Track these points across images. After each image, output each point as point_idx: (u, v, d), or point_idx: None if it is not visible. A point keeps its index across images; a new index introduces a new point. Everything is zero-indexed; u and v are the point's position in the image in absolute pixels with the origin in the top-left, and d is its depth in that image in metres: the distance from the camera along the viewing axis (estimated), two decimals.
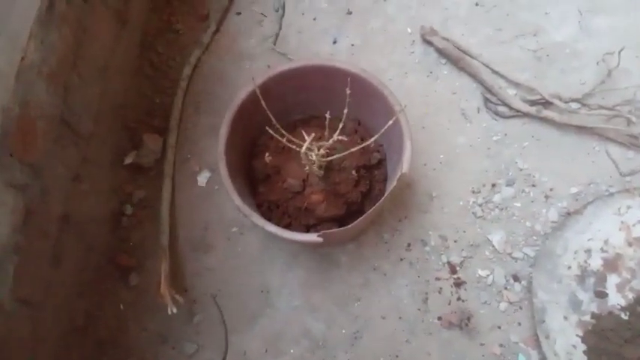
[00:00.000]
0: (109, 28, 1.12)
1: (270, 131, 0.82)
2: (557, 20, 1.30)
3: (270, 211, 1.05)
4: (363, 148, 0.98)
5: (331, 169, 0.99)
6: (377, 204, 0.90)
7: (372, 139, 0.87)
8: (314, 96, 1.04)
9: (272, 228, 0.88)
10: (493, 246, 1.14)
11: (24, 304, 0.92)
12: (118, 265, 1.14)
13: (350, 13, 1.33)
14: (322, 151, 0.84)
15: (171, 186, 1.18)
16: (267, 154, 0.99)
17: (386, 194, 0.94)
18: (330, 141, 0.82)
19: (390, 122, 0.81)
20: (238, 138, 0.98)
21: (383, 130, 0.84)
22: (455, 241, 1.15)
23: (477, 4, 1.32)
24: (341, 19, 1.33)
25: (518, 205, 1.17)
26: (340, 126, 0.82)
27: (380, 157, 1.07)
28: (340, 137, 0.80)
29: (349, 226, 0.88)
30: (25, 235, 0.90)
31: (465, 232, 1.16)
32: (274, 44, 1.29)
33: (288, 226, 1.03)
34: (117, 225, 1.17)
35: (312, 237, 0.87)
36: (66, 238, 1.02)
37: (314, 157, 0.83)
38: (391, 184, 0.95)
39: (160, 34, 1.31)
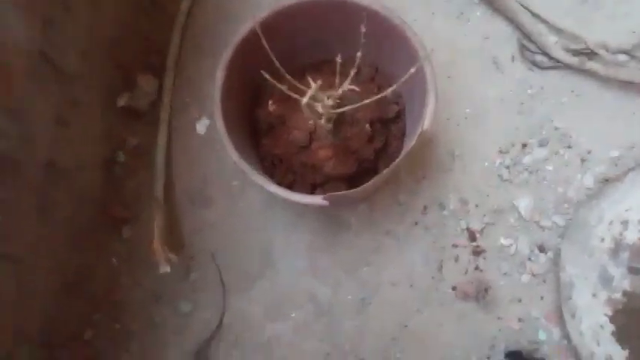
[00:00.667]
0: None
1: (268, 76, 0.70)
2: None
3: (273, 166, 0.95)
4: (379, 98, 0.86)
5: (342, 121, 0.87)
6: (392, 164, 0.79)
7: (390, 89, 0.74)
8: (327, 36, 0.90)
9: (272, 188, 0.78)
10: (519, 212, 1.04)
11: (8, 259, 0.85)
12: (110, 216, 1.07)
13: None
14: (330, 102, 0.72)
15: (167, 133, 1.08)
16: (270, 102, 0.88)
17: (403, 153, 0.83)
18: (340, 90, 0.70)
19: (412, 70, 0.68)
20: (238, 83, 0.86)
21: (403, 80, 0.71)
22: (476, 206, 1.05)
23: None
24: None
25: (551, 168, 1.05)
26: (352, 72, 0.70)
27: (398, 109, 0.95)
28: (351, 87, 0.68)
29: (359, 188, 0.78)
30: (7, 186, 0.82)
31: (488, 195, 1.05)
32: None
33: (292, 184, 0.93)
34: (109, 173, 1.08)
35: (317, 199, 0.77)
36: (53, 189, 0.94)
37: (320, 109, 0.71)
38: (410, 142, 0.83)
39: None
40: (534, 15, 1.09)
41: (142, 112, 1.10)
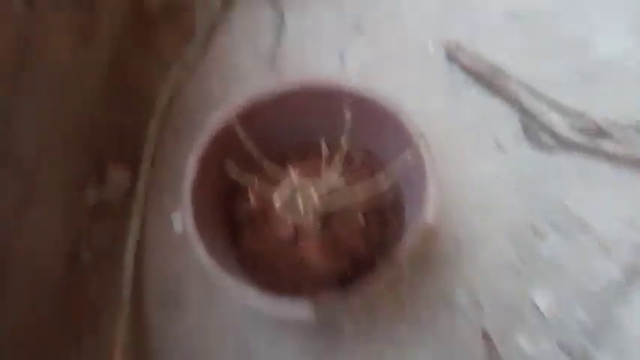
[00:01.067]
0: (66, 42, 0.93)
1: (234, 172, 0.60)
2: (606, 32, 1.09)
3: (254, 266, 0.83)
4: (372, 186, 0.77)
5: (332, 214, 0.77)
6: (391, 261, 0.67)
7: (382, 175, 0.65)
8: (312, 123, 0.83)
9: (250, 298, 0.66)
10: (539, 310, 0.90)
11: None
12: (69, 324, 0.93)
13: (360, 27, 1.13)
14: (315, 198, 0.62)
15: (139, 228, 0.97)
16: (251, 195, 0.78)
17: (403, 248, 0.72)
18: (323, 187, 0.60)
19: (407, 154, 0.59)
20: (214, 173, 0.77)
21: (397, 164, 0.62)
22: (490, 303, 0.92)
23: (509, 16, 1.12)
24: (350, 33, 1.13)
25: (569, 257, 0.94)
26: (338, 159, 0.61)
27: (395, 199, 0.85)
28: (334, 176, 0.59)
29: (352, 293, 0.66)
30: None
31: (502, 290, 0.92)
32: (271, 62, 1.10)
33: (275, 286, 0.80)
34: (71, 275, 0.96)
35: (299, 310, 0.64)
36: (2, 294, 0.81)
37: (300, 206, 0.61)
38: (411, 236, 0.73)
39: (138, 51, 1.12)
40: (535, 93, 1.03)
41: (113, 205, 1.00)
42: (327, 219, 0.76)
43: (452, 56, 1.06)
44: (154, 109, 1.06)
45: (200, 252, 0.67)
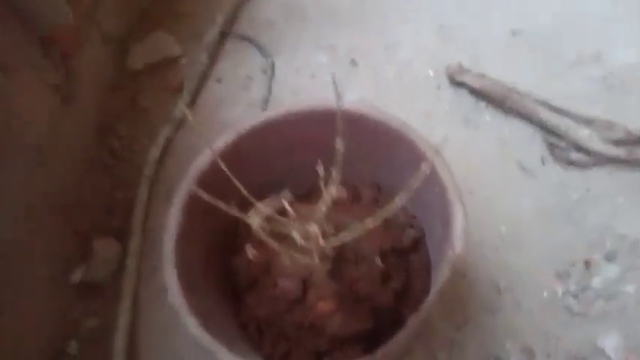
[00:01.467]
0: (42, 105, 0.87)
1: (229, 208, 0.50)
2: (617, 44, 1.00)
3: (260, 333, 0.70)
4: (387, 222, 0.65)
5: (343, 258, 0.65)
6: (421, 309, 0.54)
7: (393, 205, 0.53)
8: (311, 157, 0.73)
9: None
10: (608, 357, 0.75)
11: None
12: None
13: (355, 63, 1.06)
14: (316, 230, 0.51)
15: (130, 309, 0.85)
16: (249, 247, 0.66)
17: (432, 292, 0.59)
18: (320, 211, 0.49)
19: (423, 173, 0.48)
20: (202, 228, 0.66)
21: (411, 189, 0.51)
22: (548, 356, 0.76)
23: (513, 34, 1.04)
24: (345, 72, 1.06)
25: (631, 288, 0.79)
26: (332, 189, 0.50)
27: (415, 234, 0.72)
28: (335, 193, 0.48)
29: (378, 353, 0.52)
30: None
31: (560, 339, 0.77)
32: (264, 110, 1.02)
33: (287, 357, 0.67)
34: None
35: None
36: None
37: (302, 241, 0.50)
38: (439, 275, 0.60)
39: (123, 114, 1.06)
40: (555, 109, 0.93)
41: (102, 285, 0.89)
42: (339, 264, 0.64)
43: (456, 80, 0.98)
44: (142, 175, 0.97)
45: (186, 318, 0.55)
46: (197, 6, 1.18)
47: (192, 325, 0.56)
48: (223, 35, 1.12)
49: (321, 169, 0.51)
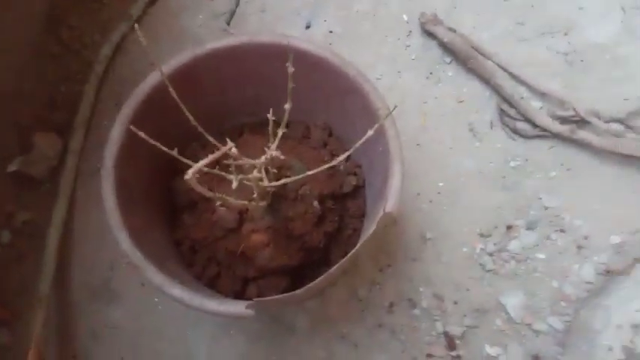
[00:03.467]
0: None
1: (164, 149, 0.49)
2: (594, 16, 1.01)
3: (193, 252, 0.72)
4: (331, 169, 0.67)
5: (283, 196, 0.67)
6: (347, 255, 0.58)
7: (342, 157, 0.55)
8: (268, 90, 0.72)
9: (175, 291, 0.55)
10: (507, 313, 0.83)
11: None
12: None
13: None
14: (258, 173, 0.52)
15: (66, 207, 0.85)
16: (188, 173, 0.67)
17: (361, 240, 0.62)
18: (265, 157, 0.50)
19: (370, 132, 0.49)
20: (146, 146, 0.65)
21: (358, 144, 0.52)
22: (455, 303, 0.84)
23: None
24: None
25: (542, 256, 0.86)
26: (280, 131, 0.50)
27: (356, 182, 0.75)
28: (276, 153, 0.48)
29: (299, 291, 0.56)
30: None
31: (468, 290, 0.84)
32: (228, 24, 0.98)
33: (216, 278, 0.70)
34: None
35: (238, 308, 0.54)
36: None
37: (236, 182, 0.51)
38: (370, 226, 0.63)
39: (77, 3, 0.98)
40: (514, 77, 0.94)
41: (39, 179, 0.88)
42: (277, 202, 0.66)
43: (428, 30, 0.97)
44: (91, 72, 0.93)
45: (120, 238, 0.56)
46: None
47: (123, 241, 0.57)
48: None
49: (270, 114, 0.50)
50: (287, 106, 0.48)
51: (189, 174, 0.42)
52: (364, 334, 0.82)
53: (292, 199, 0.68)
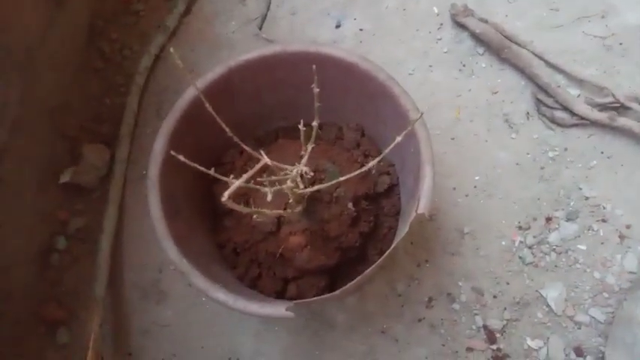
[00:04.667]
0: (34, 8, 0.84)
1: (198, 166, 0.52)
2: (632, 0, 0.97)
3: (235, 255, 0.76)
4: (366, 170, 0.69)
5: (318, 199, 0.69)
6: (381, 258, 0.59)
7: (375, 161, 0.56)
8: (300, 96, 0.74)
9: (220, 295, 0.59)
10: (548, 305, 0.83)
11: None
12: (43, 316, 0.87)
13: None
14: (291, 183, 0.54)
15: (116, 213, 0.90)
16: (231, 177, 0.70)
17: (396, 239, 0.64)
18: (297, 170, 0.52)
19: (399, 138, 0.50)
20: (190, 154, 0.69)
21: (389, 149, 0.53)
22: (494, 297, 0.84)
23: None
24: None
25: (583, 247, 0.85)
26: (309, 147, 0.52)
27: (390, 182, 0.76)
28: (305, 169, 0.50)
29: (337, 292, 0.58)
30: None
31: (508, 284, 0.84)
32: (260, 28, 1.00)
33: (258, 279, 0.73)
34: (45, 264, 0.89)
35: (278, 309, 0.57)
36: None
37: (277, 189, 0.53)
38: (404, 225, 0.65)
39: (115, 17, 1.03)
40: (550, 65, 0.93)
41: (90, 188, 0.93)
42: (313, 205, 0.68)
43: (459, 22, 0.96)
44: (132, 83, 0.97)
45: (166, 244, 0.60)
46: None
47: (170, 249, 0.61)
48: None
49: (301, 124, 0.52)
50: (314, 123, 0.50)
51: (225, 196, 0.45)
52: (404, 329, 0.83)
53: (327, 202, 0.70)
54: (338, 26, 1.00)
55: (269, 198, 0.49)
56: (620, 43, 0.94)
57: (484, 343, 0.82)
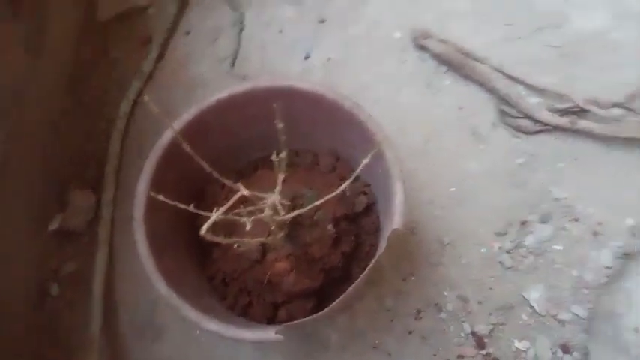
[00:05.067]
0: (13, 59, 0.88)
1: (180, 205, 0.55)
2: (583, 7, 1.03)
3: (225, 285, 0.78)
4: (342, 192, 0.72)
5: (299, 223, 0.72)
6: (361, 275, 0.62)
7: (346, 183, 0.60)
8: (274, 127, 0.78)
9: (212, 325, 0.61)
10: (531, 306, 0.86)
11: None
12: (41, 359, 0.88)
13: (323, 21, 1.08)
14: (269, 211, 0.57)
15: (107, 254, 0.93)
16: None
17: (375, 258, 0.67)
18: (271, 199, 0.55)
19: (366, 161, 0.54)
20: (173, 191, 0.72)
21: (359, 170, 0.57)
22: (479, 303, 0.87)
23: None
24: (313, 29, 1.08)
25: (559, 247, 0.89)
26: (280, 177, 0.56)
27: (367, 201, 0.80)
28: (277, 199, 0.54)
29: (320, 313, 0.61)
30: None
31: (491, 289, 0.87)
32: (232, 66, 1.05)
33: (248, 308, 0.76)
34: (39, 310, 0.91)
35: (267, 334, 0.59)
36: None
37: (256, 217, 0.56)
38: (384, 242, 0.68)
39: (94, 65, 1.07)
40: (509, 77, 0.98)
41: (79, 232, 0.96)
42: (294, 230, 0.71)
43: (420, 44, 1.01)
44: (114, 128, 1.00)
45: (156, 281, 0.63)
46: None
47: (160, 286, 0.63)
48: None
49: (273, 155, 0.56)
50: (282, 155, 0.54)
51: (204, 229, 0.48)
52: (395, 342, 0.86)
53: (308, 226, 0.73)
54: (307, 57, 1.05)
55: (247, 228, 0.52)
56: (575, 51, 1.00)
57: (474, 349, 0.84)
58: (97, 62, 1.07)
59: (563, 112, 0.94)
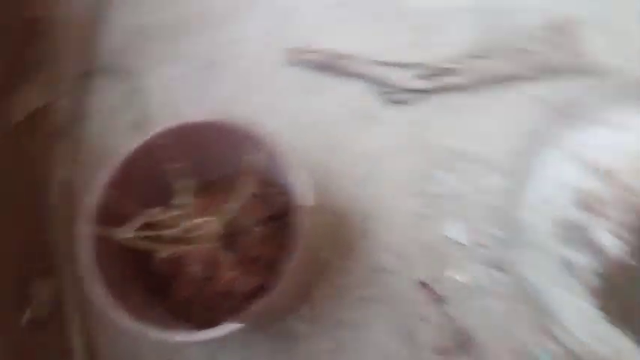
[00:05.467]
0: None
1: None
2: None
3: (189, 310, 0.86)
4: (261, 196, 0.83)
5: (234, 233, 0.82)
6: (287, 261, 0.73)
7: (246, 190, 0.71)
8: (203, 158, 0.87)
9: (177, 337, 0.70)
10: (458, 242, 0.98)
11: None
12: None
13: (214, 64, 1.21)
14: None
15: (83, 341, 0.99)
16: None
17: (295, 242, 0.77)
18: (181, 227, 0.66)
19: (248, 156, 0.66)
20: (115, 251, 0.80)
21: (251, 170, 0.68)
22: (415, 254, 0.98)
23: (339, 5, 1.22)
24: (207, 75, 1.20)
25: (465, 187, 1.02)
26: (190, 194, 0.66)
27: (286, 199, 0.90)
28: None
29: (267, 297, 0.71)
30: None
31: (420, 239, 0.99)
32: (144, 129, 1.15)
33: (212, 321, 0.84)
34: None
35: (231, 326, 0.68)
36: None
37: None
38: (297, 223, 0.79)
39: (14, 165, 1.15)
40: (379, 63, 1.12)
41: (47, 321, 1.01)
42: (230, 239, 0.81)
43: (298, 60, 1.15)
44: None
45: (120, 317, 0.70)
46: (50, 52, 1.25)
47: (124, 320, 0.71)
48: (87, 73, 1.22)
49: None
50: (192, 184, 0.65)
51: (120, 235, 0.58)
52: (357, 313, 0.95)
53: (241, 232, 0.83)
54: (202, 100, 1.17)
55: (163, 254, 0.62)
56: (422, 24, 1.16)
57: (424, 295, 0.95)
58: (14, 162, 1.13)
59: (428, 77, 1.09)
